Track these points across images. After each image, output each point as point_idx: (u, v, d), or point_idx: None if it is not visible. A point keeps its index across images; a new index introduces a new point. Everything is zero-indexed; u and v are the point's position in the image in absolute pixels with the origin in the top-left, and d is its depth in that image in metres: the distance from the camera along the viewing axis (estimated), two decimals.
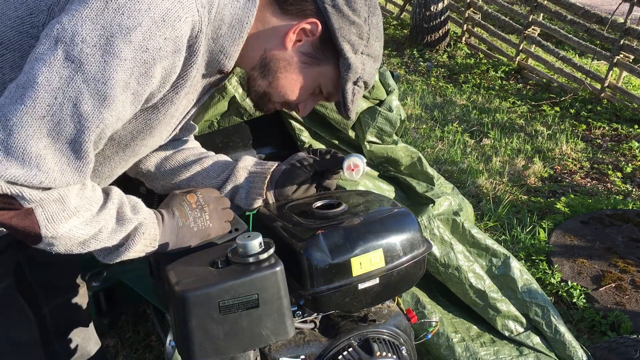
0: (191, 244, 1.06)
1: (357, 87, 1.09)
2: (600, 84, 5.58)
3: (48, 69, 0.79)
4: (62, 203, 0.87)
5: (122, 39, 0.80)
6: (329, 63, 1.06)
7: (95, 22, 0.79)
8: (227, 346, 0.92)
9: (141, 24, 0.81)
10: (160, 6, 0.82)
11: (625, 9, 5.91)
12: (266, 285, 0.92)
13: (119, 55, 0.80)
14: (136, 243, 0.99)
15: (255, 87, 1.08)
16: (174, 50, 0.86)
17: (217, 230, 1.09)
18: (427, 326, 1.71)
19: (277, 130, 1.84)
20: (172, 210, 1.06)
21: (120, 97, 0.84)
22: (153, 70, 0.85)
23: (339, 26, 1.01)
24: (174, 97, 0.97)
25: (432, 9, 7.13)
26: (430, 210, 1.90)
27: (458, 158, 4.17)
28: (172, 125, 1.10)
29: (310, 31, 1.01)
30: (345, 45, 1.02)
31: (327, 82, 1.10)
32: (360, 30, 1.03)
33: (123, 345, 2.22)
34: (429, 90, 5.91)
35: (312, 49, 1.04)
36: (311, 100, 1.15)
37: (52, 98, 0.79)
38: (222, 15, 0.94)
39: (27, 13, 0.89)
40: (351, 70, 1.05)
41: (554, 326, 1.91)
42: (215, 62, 0.99)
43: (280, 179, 1.27)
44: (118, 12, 0.80)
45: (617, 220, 3.27)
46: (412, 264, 1.13)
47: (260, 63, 1.04)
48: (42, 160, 0.81)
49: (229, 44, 0.97)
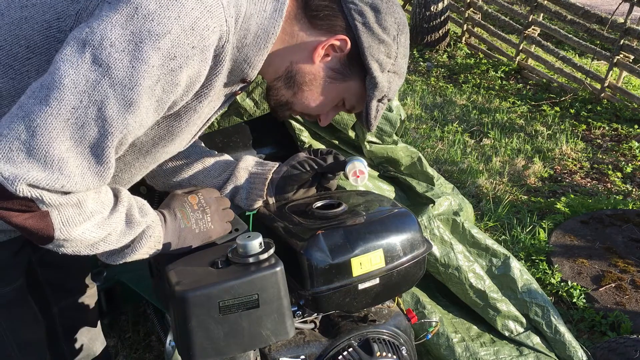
0: (192, 245, 1.06)
1: (381, 103, 1.10)
2: (600, 84, 5.58)
3: (75, 71, 0.78)
4: (80, 207, 0.86)
5: (151, 45, 0.80)
6: (355, 79, 1.06)
7: (124, 28, 0.79)
8: (227, 346, 0.92)
9: (170, 31, 0.80)
10: (190, 15, 0.81)
11: (625, 9, 5.91)
12: (266, 286, 0.92)
13: (147, 62, 0.80)
14: (143, 245, 0.99)
15: (278, 97, 1.08)
16: (200, 59, 0.85)
17: (219, 232, 1.09)
18: (427, 326, 1.71)
19: (277, 130, 1.84)
20: (174, 211, 1.06)
21: (145, 104, 0.83)
22: (179, 78, 0.85)
23: (368, 45, 1.01)
24: (197, 106, 0.97)
25: (432, 9, 7.13)
26: (430, 210, 1.90)
27: (458, 158, 4.17)
28: (193, 132, 1.09)
29: (339, 47, 1.01)
30: (373, 64, 1.03)
31: (351, 97, 1.10)
32: (388, 49, 1.03)
33: (123, 345, 2.22)
34: (429, 90, 5.91)
35: (340, 65, 1.04)
36: (333, 111, 1.16)
37: (78, 101, 0.79)
38: (248, 24, 0.93)
39: (55, 17, 0.89)
40: (377, 89, 1.05)
41: (554, 326, 1.91)
42: (238, 71, 0.99)
43: (281, 181, 1.27)
44: (148, 18, 0.79)
45: (617, 220, 3.27)
46: (412, 264, 1.13)
47: (286, 75, 1.04)
48: (65, 164, 0.80)
49: (254, 53, 0.97)
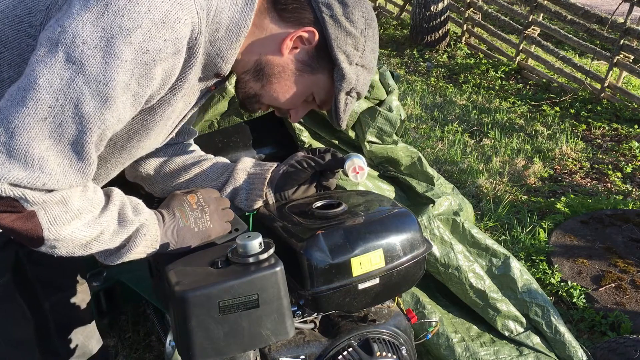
0: (191, 245, 1.06)
1: (350, 97, 1.10)
2: (600, 84, 5.58)
3: (49, 71, 0.79)
4: (65, 205, 0.87)
5: (122, 40, 0.80)
6: (324, 72, 1.07)
7: (95, 25, 0.80)
8: (227, 346, 0.92)
9: (141, 25, 0.81)
10: (160, 8, 0.82)
11: (625, 9, 5.91)
12: (266, 286, 0.92)
13: (119, 57, 0.81)
14: (137, 245, 0.99)
15: (246, 89, 1.09)
16: (174, 52, 0.86)
17: (218, 231, 1.09)
18: (427, 326, 1.71)
19: (277, 130, 1.84)
20: (172, 210, 1.06)
21: (121, 98, 0.84)
22: (153, 72, 0.86)
23: (335, 36, 1.02)
24: (171, 99, 0.97)
25: (432, 9, 7.13)
26: (430, 210, 1.90)
27: (458, 158, 4.17)
28: (169, 127, 1.10)
29: (307, 39, 1.02)
30: (340, 56, 1.03)
31: (320, 91, 1.10)
32: (356, 42, 1.04)
33: (123, 345, 2.22)
34: (429, 90, 5.91)
35: (308, 57, 1.04)
36: (303, 107, 1.16)
37: (54, 100, 0.80)
38: (220, 18, 0.94)
39: (26, 12, 0.90)
40: (345, 81, 1.06)
41: (554, 326, 1.91)
42: (212, 65, 1.00)
43: (280, 180, 1.27)
44: (118, 14, 0.80)
45: (617, 220, 3.27)
46: (412, 264, 1.13)
47: (255, 67, 1.05)
48: (45, 162, 0.81)
49: (226, 47, 0.98)
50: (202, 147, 1.51)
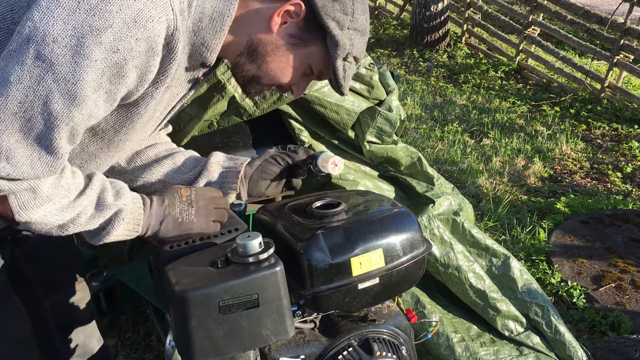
0: (172, 234, 1.08)
1: (348, 62, 1.09)
2: (600, 84, 5.57)
3: (20, 67, 0.81)
4: (34, 192, 0.90)
5: (92, 40, 0.81)
6: (317, 42, 1.06)
7: (66, 22, 0.80)
8: (227, 346, 0.92)
9: (112, 25, 0.81)
10: (132, 7, 0.82)
11: (625, 9, 5.91)
12: (266, 285, 0.92)
13: (89, 57, 0.81)
14: (116, 228, 1.01)
15: (244, 72, 1.08)
16: (147, 50, 0.86)
17: (202, 227, 1.09)
18: (427, 326, 1.71)
19: (277, 130, 1.84)
20: (162, 198, 1.09)
21: (92, 97, 0.85)
22: (125, 70, 0.86)
23: (322, 4, 1.01)
24: (154, 92, 0.97)
25: (432, 9, 7.13)
26: (430, 210, 1.90)
27: (458, 158, 4.17)
28: (156, 119, 1.11)
29: (295, 12, 1.01)
30: (330, 23, 1.02)
31: (316, 62, 1.10)
32: (344, 6, 1.03)
33: (123, 345, 2.21)
34: (429, 90, 5.91)
35: (298, 30, 1.04)
36: (304, 80, 1.15)
37: (24, 96, 0.81)
38: (203, 8, 0.95)
39: (8, 9, 0.90)
40: (339, 47, 1.05)
41: (554, 326, 1.91)
42: (197, 55, 1.00)
43: (255, 175, 1.28)
44: (89, 13, 0.80)
45: (617, 220, 3.26)
46: (412, 264, 1.14)
47: (248, 49, 1.04)
48: (12, 154, 0.84)
49: (210, 37, 0.98)
50: (201, 147, 1.51)
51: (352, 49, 1.07)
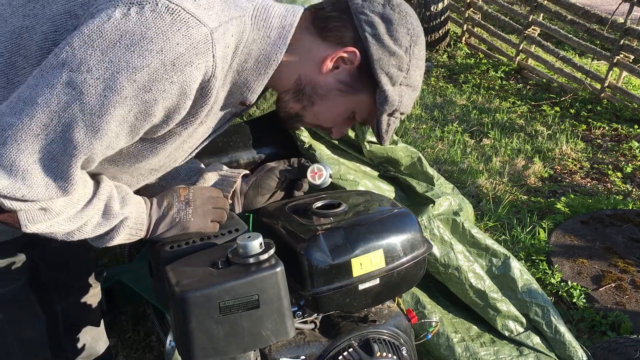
0: (170, 234, 1.08)
1: (393, 118, 1.07)
2: (600, 84, 5.57)
3: (49, 90, 0.80)
4: (45, 210, 0.90)
5: (127, 77, 0.80)
6: (366, 92, 1.03)
7: (104, 54, 0.79)
8: (227, 346, 0.92)
9: (149, 65, 0.80)
10: (174, 50, 0.81)
11: (625, 9, 5.91)
12: (266, 286, 0.92)
13: (120, 93, 0.80)
14: (120, 234, 1.02)
15: (287, 109, 1.07)
16: (179, 94, 0.85)
17: (199, 226, 1.09)
18: (427, 326, 1.71)
19: (277, 130, 1.83)
20: (162, 198, 1.09)
21: (114, 130, 0.85)
22: (154, 109, 0.85)
23: (378, 57, 0.98)
24: (182, 131, 0.96)
25: (432, 9, 7.12)
26: (430, 210, 1.90)
27: (458, 158, 4.17)
28: (187, 149, 1.09)
29: (349, 60, 0.99)
30: (383, 78, 1.00)
31: (362, 111, 1.08)
32: (400, 62, 1.00)
33: (123, 345, 2.21)
34: (429, 90, 5.91)
35: (350, 78, 1.01)
36: (345, 124, 1.13)
37: (48, 119, 0.81)
38: (250, 49, 0.93)
39: (53, 30, 0.89)
40: (388, 103, 1.03)
41: (554, 326, 1.91)
42: (238, 94, 0.99)
43: (250, 192, 1.28)
44: (129, 48, 0.79)
45: (617, 220, 3.26)
46: (412, 265, 1.13)
47: (295, 87, 1.03)
48: (29, 175, 0.83)
49: (253, 78, 0.96)
50: (201, 147, 1.51)
51: (400, 106, 1.05)
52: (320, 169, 1.26)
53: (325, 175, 1.26)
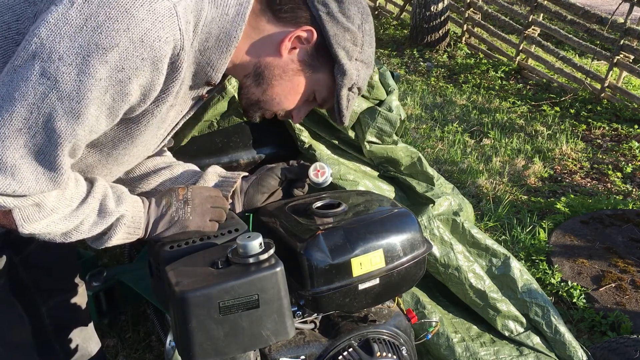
0: (169, 233, 1.08)
1: (352, 93, 1.10)
2: (600, 84, 5.57)
3: (25, 84, 0.80)
4: (38, 206, 0.90)
5: (98, 59, 0.80)
6: (324, 70, 1.06)
7: (73, 40, 0.79)
8: (227, 346, 0.92)
9: (118, 44, 0.81)
10: (140, 26, 0.81)
11: (625, 9, 5.91)
12: (266, 286, 0.92)
13: (94, 75, 0.81)
14: (117, 233, 1.02)
15: (248, 95, 1.08)
16: (152, 69, 0.86)
17: (197, 225, 1.09)
18: (427, 326, 1.71)
19: (277, 130, 1.84)
20: (160, 198, 1.10)
21: (94, 113, 0.85)
22: (129, 88, 0.86)
23: (333, 33, 1.01)
24: (154, 110, 0.97)
25: (432, 9, 7.13)
26: (430, 210, 1.90)
27: (458, 158, 4.17)
28: (160, 136, 1.10)
29: (306, 39, 1.02)
30: (340, 52, 1.03)
31: (322, 89, 1.10)
32: (354, 37, 1.03)
33: (123, 345, 2.21)
34: (429, 90, 5.91)
35: (308, 57, 1.04)
36: (305, 106, 1.16)
37: (28, 113, 0.81)
38: (210, 28, 0.94)
39: (14, 19, 0.89)
40: (346, 77, 1.05)
41: (554, 326, 1.91)
42: (202, 74, 0.99)
43: (250, 190, 1.28)
44: (96, 31, 0.80)
45: (617, 220, 3.26)
46: (412, 264, 1.13)
47: (255, 71, 1.04)
48: (17, 170, 0.84)
49: (216, 57, 0.97)
50: (202, 147, 1.51)
51: (357, 80, 1.08)
52: (323, 167, 1.27)
53: (327, 173, 1.27)
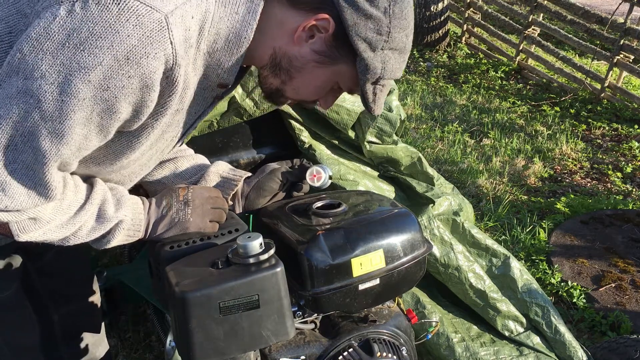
0: (169, 234, 1.08)
1: (379, 86, 0.99)
2: (600, 84, 5.57)
3: (9, 102, 0.78)
4: (35, 220, 0.89)
5: (80, 78, 0.77)
6: (346, 61, 0.96)
7: (55, 57, 0.76)
8: (227, 347, 0.92)
9: (102, 62, 0.76)
10: (125, 43, 0.77)
11: (625, 9, 5.90)
12: (266, 286, 0.92)
13: (76, 95, 0.78)
14: (117, 236, 1.02)
15: (267, 85, 1.02)
16: (141, 87, 0.81)
17: (198, 226, 1.08)
18: (427, 326, 1.71)
19: (277, 130, 1.84)
20: (161, 199, 1.09)
21: (81, 132, 0.83)
22: (117, 107, 0.82)
23: (353, 22, 0.90)
24: (154, 123, 0.93)
25: (432, 9, 7.12)
26: (430, 210, 1.90)
27: (458, 158, 4.17)
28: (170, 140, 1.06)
29: (322, 27, 0.92)
30: (360, 45, 0.92)
31: (345, 80, 1.01)
32: (378, 25, 0.92)
33: (123, 345, 2.21)
34: (429, 90, 5.91)
35: (325, 47, 0.94)
36: (331, 95, 1.07)
37: (14, 130, 0.80)
38: (218, 28, 0.89)
39: (7, 31, 0.87)
40: (369, 72, 0.95)
41: (554, 326, 1.91)
42: (214, 77, 0.95)
43: (252, 194, 1.27)
44: (79, 48, 0.76)
45: (617, 220, 3.26)
46: (412, 265, 1.13)
47: (272, 62, 0.97)
48: (7, 186, 0.83)
49: (227, 59, 0.92)
50: (202, 147, 1.50)
51: (384, 73, 0.96)
52: (319, 172, 1.26)
53: (324, 177, 1.26)
